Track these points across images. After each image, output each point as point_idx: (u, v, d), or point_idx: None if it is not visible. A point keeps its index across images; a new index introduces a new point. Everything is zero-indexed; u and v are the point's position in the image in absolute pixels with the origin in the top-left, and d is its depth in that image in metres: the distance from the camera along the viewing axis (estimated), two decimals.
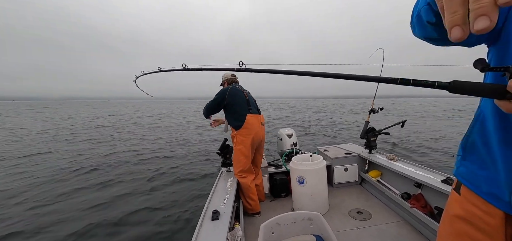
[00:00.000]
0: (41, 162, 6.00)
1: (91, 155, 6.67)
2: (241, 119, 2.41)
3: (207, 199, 1.94)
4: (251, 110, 2.49)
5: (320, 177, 2.39)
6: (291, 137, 3.30)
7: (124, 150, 7.29)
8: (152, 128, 12.83)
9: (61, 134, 10.92)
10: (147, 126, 13.83)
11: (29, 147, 7.83)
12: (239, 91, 2.53)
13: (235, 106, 2.45)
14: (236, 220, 2.04)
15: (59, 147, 7.81)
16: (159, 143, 8.37)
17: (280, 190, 2.88)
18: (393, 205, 2.41)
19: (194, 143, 8.20)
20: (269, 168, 3.03)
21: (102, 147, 7.75)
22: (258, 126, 2.47)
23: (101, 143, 8.50)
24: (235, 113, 2.45)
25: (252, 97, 2.64)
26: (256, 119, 2.48)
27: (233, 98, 2.45)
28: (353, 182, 3.07)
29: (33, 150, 7.33)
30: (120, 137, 9.96)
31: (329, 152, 3.27)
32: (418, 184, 2.20)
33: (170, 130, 12.19)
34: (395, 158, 2.72)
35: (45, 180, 4.60)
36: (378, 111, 3.02)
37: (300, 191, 2.40)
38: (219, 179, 2.49)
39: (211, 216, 1.62)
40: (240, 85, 2.66)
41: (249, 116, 2.42)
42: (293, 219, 1.59)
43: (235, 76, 2.73)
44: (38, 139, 9.56)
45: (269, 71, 1.11)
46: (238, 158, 2.43)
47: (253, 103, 2.58)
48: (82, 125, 14.32)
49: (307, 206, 2.36)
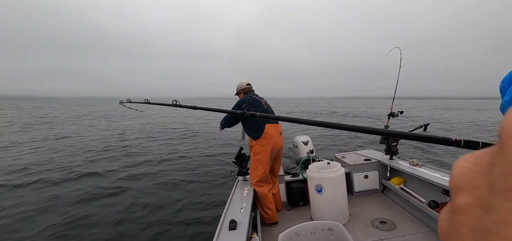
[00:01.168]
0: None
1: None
2: (261, 130, 2.39)
3: (224, 208, 1.94)
4: (270, 120, 2.48)
5: (339, 184, 2.32)
6: (307, 144, 3.24)
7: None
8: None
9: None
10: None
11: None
12: (257, 102, 2.53)
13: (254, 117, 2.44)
14: (254, 230, 2.01)
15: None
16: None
17: (298, 198, 2.82)
18: (420, 214, 2.27)
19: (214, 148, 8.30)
20: (286, 176, 2.98)
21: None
22: (276, 136, 2.45)
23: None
24: (254, 124, 2.42)
25: (269, 106, 2.63)
26: (274, 129, 2.46)
27: (252, 109, 2.45)
28: (374, 190, 2.94)
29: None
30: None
31: (347, 159, 3.16)
32: (446, 191, 2.06)
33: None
34: (419, 164, 2.57)
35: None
36: (398, 115, 2.90)
37: (319, 199, 2.33)
38: (236, 188, 2.48)
39: (228, 226, 1.61)
40: (256, 94, 2.66)
41: (268, 126, 2.40)
42: (313, 229, 1.54)
43: (250, 85, 2.72)
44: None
45: (274, 117, 1.11)
46: (256, 167, 2.41)
47: (271, 112, 2.57)
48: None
49: (326, 215, 2.28)
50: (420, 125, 2.79)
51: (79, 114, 24.36)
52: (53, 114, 24.19)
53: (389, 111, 2.90)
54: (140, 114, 18.86)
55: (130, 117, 19.35)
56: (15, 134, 11.43)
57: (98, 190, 4.54)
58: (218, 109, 1.29)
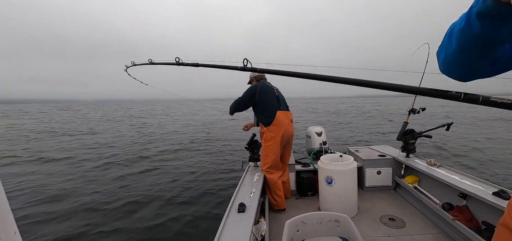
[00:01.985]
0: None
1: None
2: (272, 116, 2.40)
3: (234, 191, 2.00)
4: (281, 107, 2.48)
5: (350, 178, 2.30)
6: (320, 135, 3.21)
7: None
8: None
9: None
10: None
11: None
12: (269, 88, 2.53)
13: (265, 102, 2.45)
14: (261, 215, 2.07)
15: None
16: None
17: (307, 188, 2.84)
18: (431, 215, 2.21)
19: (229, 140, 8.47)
20: (297, 166, 2.99)
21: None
22: (287, 123, 2.46)
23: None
24: (265, 110, 2.45)
25: (281, 94, 2.62)
26: (285, 116, 2.46)
27: (263, 95, 2.46)
28: (386, 187, 2.89)
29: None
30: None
31: (361, 153, 3.11)
32: (463, 195, 1.98)
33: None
34: (437, 164, 2.47)
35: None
36: (419, 112, 2.77)
37: (328, 191, 2.33)
38: (246, 173, 2.54)
39: (237, 208, 1.67)
40: (268, 82, 2.66)
41: (279, 113, 2.41)
42: (320, 218, 1.56)
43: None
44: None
45: (276, 72, 1.03)
46: (267, 154, 2.44)
47: (282, 100, 2.57)
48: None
49: (335, 207, 2.29)
50: (442, 123, 2.66)
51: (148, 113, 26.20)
52: (118, 114, 25.83)
53: (410, 108, 2.78)
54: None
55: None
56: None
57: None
58: (221, 66, 1.22)
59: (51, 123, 16.94)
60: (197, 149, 7.33)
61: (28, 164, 5.83)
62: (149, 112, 26.41)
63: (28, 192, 3.99)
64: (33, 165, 5.73)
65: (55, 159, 6.26)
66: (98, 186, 4.20)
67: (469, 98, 0.64)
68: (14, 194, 3.87)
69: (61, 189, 4.08)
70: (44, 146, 8.22)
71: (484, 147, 7.29)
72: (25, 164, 5.79)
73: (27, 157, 6.48)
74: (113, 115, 23.69)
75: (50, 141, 9.26)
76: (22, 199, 3.67)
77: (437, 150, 6.73)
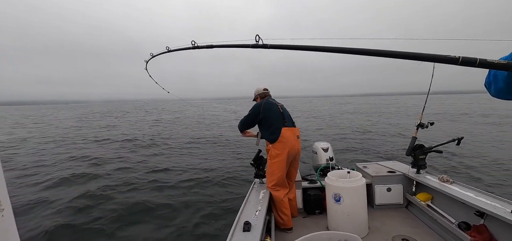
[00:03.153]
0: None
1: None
2: (277, 133, 2.38)
3: (239, 209, 1.95)
4: (286, 123, 2.46)
5: (358, 195, 2.22)
6: (326, 151, 3.16)
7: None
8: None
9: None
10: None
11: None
12: (274, 105, 2.54)
13: (270, 120, 2.45)
14: (267, 234, 2.00)
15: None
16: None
17: (314, 206, 2.75)
18: (447, 235, 2.10)
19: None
20: (303, 182, 2.92)
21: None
22: (293, 139, 2.43)
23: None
24: (270, 127, 2.44)
25: (286, 110, 2.62)
26: (291, 133, 2.43)
27: (268, 112, 2.48)
28: (397, 205, 2.78)
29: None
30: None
31: (369, 169, 3.03)
32: (480, 213, 1.88)
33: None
34: (450, 180, 2.38)
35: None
36: (428, 127, 2.71)
37: (336, 209, 2.25)
38: (252, 190, 2.49)
39: (242, 227, 1.62)
40: (273, 99, 2.68)
41: (284, 130, 2.39)
42: (328, 238, 1.50)
43: (267, 90, 2.79)
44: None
45: (288, 47, 1.06)
46: (273, 171, 2.41)
47: (287, 116, 2.56)
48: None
49: (344, 226, 2.20)
50: (452, 138, 2.59)
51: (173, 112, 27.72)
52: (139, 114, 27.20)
53: (418, 122, 2.73)
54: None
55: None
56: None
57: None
58: (234, 45, 1.21)
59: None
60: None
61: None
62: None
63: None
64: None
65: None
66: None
67: (466, 61, 0.72)
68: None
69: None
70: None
71: (498, 162, 7.03)
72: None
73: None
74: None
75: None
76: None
77: (448, 166, 6.51)
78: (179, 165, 6.51)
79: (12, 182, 5.16)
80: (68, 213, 3.62)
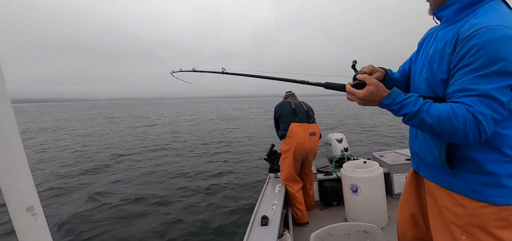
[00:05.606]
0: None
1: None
2: (285, 128, 2.42)
3: (256, 203, 1.97)
4: (297, 119, 2.44)
5: (376, 185, 2.18)
6: (341, 141, 3.10)
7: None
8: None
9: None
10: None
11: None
12: (287, 103, 2.58)
13: (282, 117, 2.52)
14: (285, 227, 2.01)
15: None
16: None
17: (331, 198, 2.73)
18: None
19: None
20: (318, 175, 2.90)
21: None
22: (303, 135, 2.38)
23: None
24: (282, 123, 2.51)
25: (302, 106, 2.56)
26: (301, 128, 2.39)
27: (281, 110, 2.56)
28: None
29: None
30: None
31: (386, 158, 2.95)
32: None
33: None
34: None
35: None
36: None
37: (354, 200, 2.22)
38: (267, 184, 2.50)
39: (260, 222, 1.64)
40: (293, 98, 2.72)
41: (293, 125, 2.39)
42: (347, 230, 1.48)
43: (291, 91, 2.83)
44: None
45: (245, 74, 1.32)
46: (283, 166, 2.46)
47: (302, 112, 2.51)
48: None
49: (362, 217, 2.17)
50: None
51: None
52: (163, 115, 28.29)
53: None
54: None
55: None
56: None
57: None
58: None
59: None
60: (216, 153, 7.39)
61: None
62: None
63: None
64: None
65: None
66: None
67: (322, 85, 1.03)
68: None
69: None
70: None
71: None
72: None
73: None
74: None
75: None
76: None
77: None
78: (193, 163, 6.64)
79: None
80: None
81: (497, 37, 0.66)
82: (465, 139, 0.71)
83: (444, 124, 0.72)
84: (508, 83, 0.68)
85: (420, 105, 0.76)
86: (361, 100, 0.84)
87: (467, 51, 0.71)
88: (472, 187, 0.80)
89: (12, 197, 0.41)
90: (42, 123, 21.30)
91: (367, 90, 0.82)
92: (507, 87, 0.68)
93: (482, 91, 0.69)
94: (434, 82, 0.84)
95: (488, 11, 0.74)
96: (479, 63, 0.69)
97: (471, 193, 0.81)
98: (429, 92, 0.87)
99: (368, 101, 0.84)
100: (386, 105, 0.83)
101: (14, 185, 0.41)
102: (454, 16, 0.82)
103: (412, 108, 0.77)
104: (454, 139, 0.74)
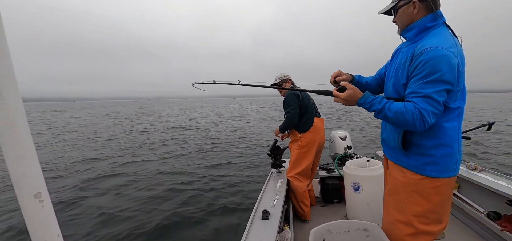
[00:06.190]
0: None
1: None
2: (309, 123, 2.36)
3: (257, 198, 1.99)
4: (317, 113, 2.46)
5: (378, 184, 2.17)
6: (344, 139, 3.09)
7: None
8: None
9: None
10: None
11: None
12: (307, 95, 2.45)
13: (304, 108, 2.36)
14: (286, 222, 2.02)
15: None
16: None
17: (332, 195, 2.73)
18: (475, 224, 2.00)
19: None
20: (320, 171, 2.90)
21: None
22: (323, 130, 2.44)
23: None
24: (303, 116, 2.36)
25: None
26: (322, 123, 2.45)
27: (303, 101, 2.36)
28: None
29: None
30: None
31: None
32: (511, 202, 1.77)
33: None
34: (479, 168, 2.24)
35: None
36: None
37: (355, 198, 2.22)
38: (269, 180, 2.51)
39: (261, 216, 1.65)
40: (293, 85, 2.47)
41: (316, 120, 2.39)
42: (347, 227, 1.49)
43: (291, 78, 2.54)
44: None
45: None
46: (301, 160, 2.35)
47: (314, 106, 2.53)
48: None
49: (363, 215, 2.17)
50: (482, 123, 2.42)
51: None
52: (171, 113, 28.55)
53: None
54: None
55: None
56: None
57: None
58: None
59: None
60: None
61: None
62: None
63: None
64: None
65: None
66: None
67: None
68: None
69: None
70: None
71: None
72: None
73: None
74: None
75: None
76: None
77: (477, 153, 6.13)
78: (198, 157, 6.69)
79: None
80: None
81: (436, 55, 0.93)
82: (414, 127, 0.98)
83: (399, 117, 1.00)
84: (443, 88, 0.94)
85: (383, 104, 1.05)
86: (343, 100, 1.13)
87: (417, 64, 0.98)
88: (417, 164, 1.10)
89: (21, 184, 0.42)
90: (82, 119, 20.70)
91: (347, 93, 1.12)
92: (443, 90, 0.95)
93: (425, 93, 0.95)
94: (398, 86, 1.12)
95: (434, 35, 1.01)
96: (424, 73, 0.96)
97: (416, 169, 1.11)
98: (394, 93, 1.15)
99: (348, 101, 1.13)
100: (361, 104, 1.11)
101: (23, 172, 0.42)
102: (414, 37, 1.10)
103: (378, 106, 1.06)
104: (406, 127, 1.01)
